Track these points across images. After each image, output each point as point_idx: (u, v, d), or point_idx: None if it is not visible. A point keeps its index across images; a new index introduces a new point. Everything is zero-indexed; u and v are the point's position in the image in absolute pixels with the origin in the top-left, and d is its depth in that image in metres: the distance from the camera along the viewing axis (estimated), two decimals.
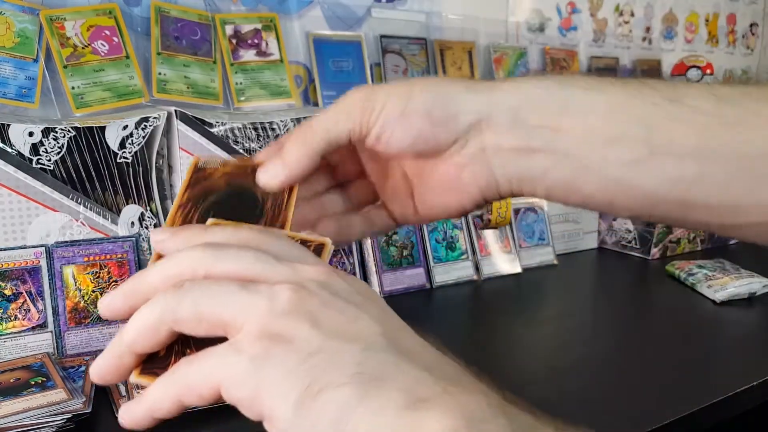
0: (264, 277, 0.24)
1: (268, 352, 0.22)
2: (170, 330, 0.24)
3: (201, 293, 0.24)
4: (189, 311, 0.23)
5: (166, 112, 0.71)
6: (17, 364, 0.57)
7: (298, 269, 0.25)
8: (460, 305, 0.85)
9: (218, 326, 0.23)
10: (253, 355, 0.22)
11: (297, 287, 0.23)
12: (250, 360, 0.22)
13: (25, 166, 0.62)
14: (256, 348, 0.22)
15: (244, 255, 0.25)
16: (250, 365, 0.22)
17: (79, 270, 0.64)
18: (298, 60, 0.92)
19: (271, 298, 0.23)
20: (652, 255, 1.06)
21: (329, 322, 0.23)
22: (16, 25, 0.70)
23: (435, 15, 1.06)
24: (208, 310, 0.23)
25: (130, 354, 0.25)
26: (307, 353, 0.22)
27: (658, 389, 0.59)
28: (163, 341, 0.24)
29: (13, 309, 0.60)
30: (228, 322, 0.23)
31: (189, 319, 0.24)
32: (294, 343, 0.22)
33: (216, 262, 0.25)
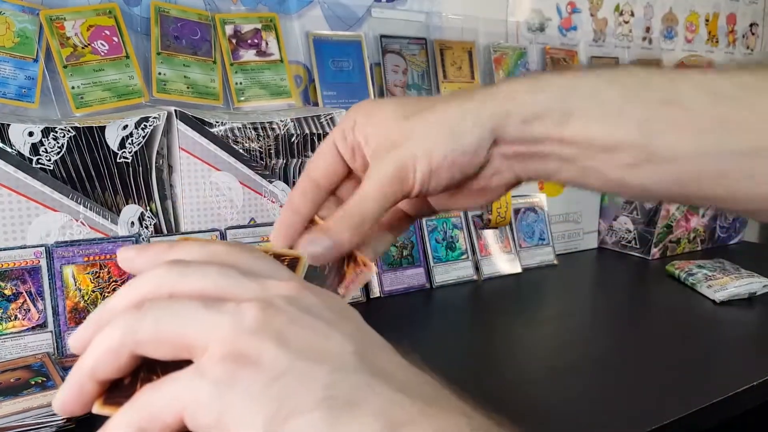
0: (230, 294, 0.23)
1: (232, 376, 0.20)
2: (132, 354, 0.22)
3: (162, 313, 0.22)
4: (150, 333, 0.22)
5: (166, 112, 0.71)
6: (17, 364, 0.57)
7: (266, 285, 0.23)
8: (460, 305, 0.85)
9: (182, 348, 0.22)
10: (217, 378, 0.20)
11: (264, 304, 0.22)
12: (214, 384, 0.20)
13: (25, 166, 0.62)
14: (220, 371, 0.21)
15: (209, 271, 0.24)
16: (214, 390, 0.20)
17: (79, 270, 0.64)
18: (298, 60, 0.92)
19: (237, 317, 0.22)
20: (652, 255, 1.06)
21: (298, 341, 0.21)
22: (16, 24, 0.70)
23: (435, 15, 1.06)
24: (170, 330, 0.22)
25: (92, 382, 0.23)
26: (273, 375, 0.20)
27: (658, 389, 0.59)
28: (126, 366, 0.23)
29: (13, 309, 0.61)
30: (192, 344, 0.22)
31: (150, 341, 0.22)
32: (260, 364, 0.21)
33: (180, 280, 0.24)
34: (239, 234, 0.74)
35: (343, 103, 0.93)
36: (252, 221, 0.77)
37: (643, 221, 1.07)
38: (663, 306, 0.87)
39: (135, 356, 0.23)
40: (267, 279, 0.24)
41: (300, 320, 0.22)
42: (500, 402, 0.63)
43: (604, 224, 1.14)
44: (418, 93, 1.01)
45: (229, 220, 0.75)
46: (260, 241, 0.76)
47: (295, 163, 0.79)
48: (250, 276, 0.24)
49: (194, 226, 0.73)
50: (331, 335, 0.22)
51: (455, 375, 0.61)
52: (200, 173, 0.73)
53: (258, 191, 0.77)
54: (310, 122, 0.79)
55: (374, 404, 0.20)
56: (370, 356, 0.22)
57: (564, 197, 1.08)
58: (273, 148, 0.77)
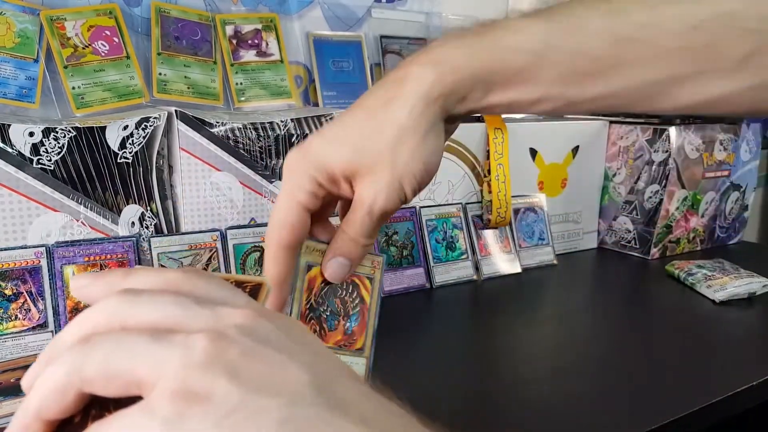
0: (182, 324, 0.22)
1: (182, 414, 0.19)
2: (79, 392, 0.21)
3: (109, 348, 0.21)
4: (96, 369, 0.21)
5: (166, 113, 0.71)
6: (18, 364, 0.57)
7: (219, 314, 0.23)
8: (460, 305, 0.85)
9: (131, 384, 0.21)
10: (165, 417, 0.19)
11: (215, 335, 0.21)
12: (164, 422, 0.19)
13: (25, 166, 0.62)
14: (169, 409, 0.20)
15: (161, 300, 0.23)
16: (164, 429, 0.19)
17: (80, 270, 0.64)
18: (299, 60, 0.92)
19: (186, 350, 0.21)
20: (651, 255, 1.07)
21: (250, 374, 0.20)
22: (17, 25, 0.70)
23: (435, 15, 1.06)
24: (118, 366, 0.21)
25: (38, 422, 0.22)
26: (224, 412, 0.19)
27: (658, 389, 0.59)
28: (73, 405, 0.22)
29: (13, 309, 0.61)
30: (140, 380, 0.21)
31: (97, 379, 0.21)
32: (210, 401, 0.20)
33: (131, 310, 0.23)
34: (239, 234, 0.74)
35: (344, 103, 0.93)
36: (252, 221, 0.77)
37: (643, 221, 1.07)
38: (662, 306, 0.87)
39: (82, 394, 0.22)
40: (222, 306, 0.23)
41: (253, 351, 0.21)
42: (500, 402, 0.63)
43: (603, 224, 1.14)
44: None
45: (229, 220, 0.75)
46: (260, 241, 0.76)
47: None
48: (204, 304, 0.23)
49: (194, 226, 0.73)
50: (287, 366, 0.21)
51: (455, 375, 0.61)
52: (201, 173, 0.73)
53: (258, 191, 0.77)
54: (311, 122, 0.79)
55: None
56: (329, 386, 0.21)
57: (564, 197, 1.08)
58: (273, 148, 0.77)
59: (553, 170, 1.06)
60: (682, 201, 1.07)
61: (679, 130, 1.03)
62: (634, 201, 1.08)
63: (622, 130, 1.09)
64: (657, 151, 1.04)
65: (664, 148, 1.03)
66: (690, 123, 1.06)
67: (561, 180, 1.08)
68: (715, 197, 1.13)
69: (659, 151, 1.04)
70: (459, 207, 0.95)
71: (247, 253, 0.75)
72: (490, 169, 0.95)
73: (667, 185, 1.04)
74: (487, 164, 0.96)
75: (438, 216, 0.92)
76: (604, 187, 1.13)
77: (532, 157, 1.03)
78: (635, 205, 1.08)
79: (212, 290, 0.25)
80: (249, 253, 0.75)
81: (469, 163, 0.96)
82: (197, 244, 0.72)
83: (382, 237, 0.86)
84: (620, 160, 1.10)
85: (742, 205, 1.20)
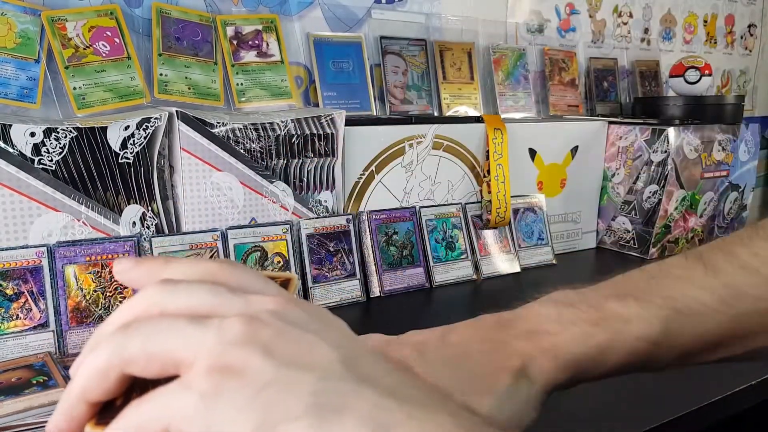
0: (216, 310, 0.23)
1: (218, 388, 0.20)
2: (121, 374, 0.22)
3: (148, 331, 0.22)
4: (137, 351, 0.22)
5: (167, 113, 0.71)
6: (19, 364, 0.57)
7: (251, 300, 0.24)
8: (460, 305, 0.85)
9: (169, 365, 0.22)
10: (203, 391, 0.20)
11: (249, 318, 0.22)
12: (200, 397, 0.20)
13: (26, 167, 0.62)
14: (205, 384, 0.20)
15: (198, 289, 0.24)
16: (200, 403, 0.20)
17: (81, 269, 0.64)
18: (299, 61, 0.92)
19: (221, 331, 0.22)
20: (650, 255, 1.07)
21: (283, 352, 0.21)
22: (18, 26, 0.70)
23: (435, 16, 1.06)
24: (157, 348, 0.22)
25: (82, 404, 0.23)
26: (259, 386, 0.20)
27: (658, 389, 0.59)
28: (115, 387, 0.23)
29: (14, 308, 0.61)
30: (178, 360, 0.22)
31: (138, 360, 0.22)
32: (246, 375, 0.21)
33: (170, 299, 0.24)
34: (240, 234, 0.75)
35: (344, 103, 0.93)
36: (253, 221, 0.77)
37: (642, 221, 1.07)
38: None
39: (124, 377, 0.23)
40: (253, 294, 0.24)
41: (285, 332, 0.22)
42: None
43: (602, 224, 1.14)
44: (417, 93, 1.02)
45: (230, 220, 0.76)
46: (261, 241, 0.76)
47: (296, 164, 0.80)
48: (238, 293, 0.24)
49: (195, 226, 0.73)
50: (317, 345, 0.22)
51: None
52: (201, 173, 0.73)
53: (259, 191, 0.77)
54: (311, 123, 0.79)
55: (361, 409, 0.20)
56: (357, 363, 0.22)
57: (563, 197, 1.09)
58: (274, 148, 0.77)
59: (552, 170, 1.06)
60: (680, 201, 1.08)
61: (678, 130, 1.04)
62: (632, 201, 1.09)
63: (621, 131, 1.10)
64: (656, 151, 1.05)
65: (662, 148, 1.04)
66: (689, 123, 1.06)
67: (560, 180, 1.08)
68: (714, 197, 1.14)
69: (658, 152, 1.04)
70: (459, 207, 0.95)
71: (248, 253, 0.75)
72: (490, 169, 0.96)
73: (665, 185, 1.04)
74: (487, 164, 0.97)
75: (438, 216, 0.92)
76: (603, 188, 1.13)
77: (532, 157, 1.04)
78: (634, 205, 1.09)
79: (246, 280, 0.26)
80: (249, 252, 0.75)
81: (469, 164, 0.97)
82: (198, 244, 0.72)
83: (383, 237, 0.87)
84: (619, 161, 1.10)
85: (741, 205, 1.20)
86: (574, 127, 1.08)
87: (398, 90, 1.00)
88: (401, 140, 0.89)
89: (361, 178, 0.87)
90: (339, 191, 0.84)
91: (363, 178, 0.87)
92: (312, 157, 0.80)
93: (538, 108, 1.18)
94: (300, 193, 0.81)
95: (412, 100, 1.01)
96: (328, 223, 0.82)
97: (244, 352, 0.21)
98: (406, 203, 0.92)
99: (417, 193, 0.93)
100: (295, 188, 0.80)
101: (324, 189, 0.83)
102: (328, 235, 0.82)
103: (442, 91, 1.04)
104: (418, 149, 0.91)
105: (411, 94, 1.01)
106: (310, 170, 0.81)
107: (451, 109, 1.04)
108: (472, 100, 1.07)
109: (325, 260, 0.81)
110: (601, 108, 1.28)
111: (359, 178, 0.87)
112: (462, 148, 0.95)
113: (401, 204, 0.91)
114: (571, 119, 1.15)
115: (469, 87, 1.07)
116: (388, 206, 0.89)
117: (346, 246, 0.83)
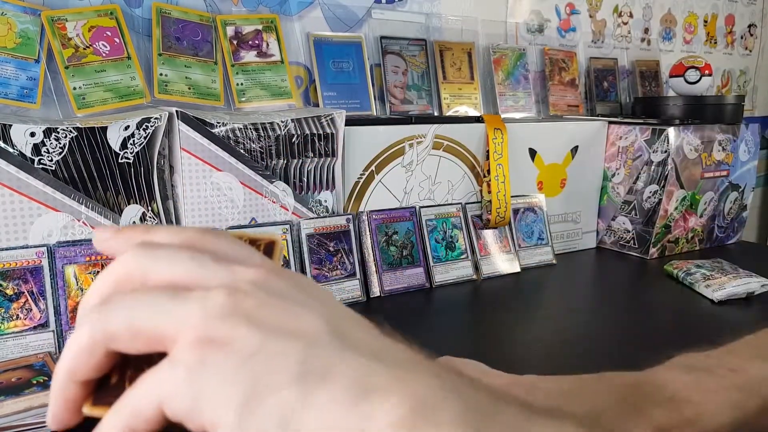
0: (199, 281, 0.23)
1: (204, 360, 0.20)
2: (106, 350, 0.22)
3: (131, 306, 0.22)
4: (120, 327, 0.22)
5: (167, 113, 0.71)
6: (19, 364, 0.58)
7: (235, 271, 0.23)
8: (460, 304, 0.85)
9: (154, 340, 0.22)
10: (189, 364, 0.20)
11: (232, 290, 0.22)
12: (187, 370, 0.20)
13: (26, 167, 0.62)
14: (191, 357, 0.20)
15: (179, 256, 0.24)
16: (187, 376, 0.20)
17: (81, 269, 0.64)
18: (299, 61, 0.92)
19: (204, 305, 0.21)
20: (650, 255, 1.07)
21: (268, 321, 0.21)
22: (18, 26, 0.70)
23: (435, 16, 1.06)
24: (140, 324, 0.22)
25: (73, 384, 0.23)
26: (245, 356, 0.20)
27: None
28: (103, 364, 0.23)
29: (15, 308, 0.61)
30: (163, 335, 0.22)
31: (121, 337, 0.22)
32: (231, 346, 0.20)
33: (151, 265, 0.23)
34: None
35: (344, 103, 0.94)
36: (253, 221, 0.77)
37: (642, 221, 1.07)
38: (661, 305, 0.87)
39: (110, 352, 0.22)
40: (237, 264, 0.24)
41: (269, 302, 0.22)
42: None
43: (602, 224, 1.14)
44: (418, 93, 1.02)
45: (230, 220, 0.76)
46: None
47: (296, 164, 0.80)
48: (220, 262, 0.24)
49: (195, 225, 0.73)
50: (302, 314, 0.22)
51: None
52: (201, 173, 0.73)
53: (259, 191, 0.77)
54: (311, 123, 0.79)
55: (346, 374, 0.20)
56: (342, 330, 0.22)
57: (563, 197, 1.09)
58: (274, 148, 0.77)
59: (552, 170, 1.06)
60: (680, 201, 1.08)
61: (678, 130, 1.04)
62: (632, 201, 1.09)
63: (621, 131, 1.10)
64: (656, 151, 1.05)
65: (662, 148, 1.04)
66: (689, 123, 1.06)
67: (560, 180, 1.08)
68: (714, 197, 1.14)
69: (658, 152, 1.04)
70: (459, 207, 0.95)
71: None
72: (490, 169, 0.96)
73: (665, 185, 1.04)
74: (487, 164, 0.97)
75: (438, 216, 0.92)
76: (603, 188, 1.13)
77: (532, 157, 1.04)
78: (634, 205, 1.09)
79: (229, 249, 0.25)
80: None
81: (469, 164, 0.97)
82: None
83: (383, 237, 0.87)
84: (619, 161, 1.10)
85: (741, 205, 1.20)
86: (574, 127, 1.08)
87: (398, 90, 1.00)
88: (401, 140, 0.89)
89: (361, 178, 0.87)
90: (339, 191, 0.84)
91: (363, 178, 0.87)
92: (312, 157, 0.80)
93: (538, 108, 1.18)
94: (300, 193, 0.81)
95: (412, 100, 1.01)
96: (328, 223, 0.82)
97: (229, 324, 0.21)
98: (406, 203, 0.92)
99: (417, 193, 0.93)
100: (295, 188, 0.80)
101: (324, 189, 0.83)
102: (328, 235, 0.82)
103: (442, 91, 1.04)
104: (418, 149, 0.91)
105: (411, 94, 1.01)
106: (310, 170, 0.81)
107: (451, 109, 1.04)
108: (472, 100, 1.07)
109: (325, 260, 0.81)
110: (601, 108, 1.28)
111: (359, 178, 0.87)
112: (462, 148, 0.95)
113: (401, 204, 0.91)
114: (571, 119, 1.15)
115: (469, 87, 1.07)
116: (388, 206, 0.90)
117: (346, 246, 0.83)
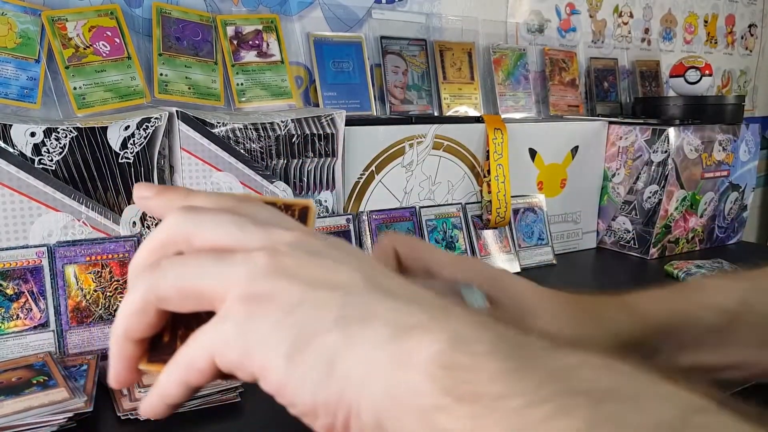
0: (240, 243, 0.24)
1: (252, 313, 0.22)
2: (157, 309, 0.24)
3: (179, 270, 0.24)
4: (170, 289, 0.24)
5: (167, 113, 0.71)
6: (19, 363, 0.57)
7: (273, 234, 0.25)
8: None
9: (202, 300, 0.24)
10: (238, 318, 0.22)
11: (272, 251, 0.24)
12: (236, 324, 0.22)
13: (27, 167, 0.62)
14: (239, 312, 0.22)
15: (222, 220, 0.25)
16: (237, 329, 0.22)
17: (81, 269, 0.64)
18: (299, 61, 0.92)
19: (248, 265, 0.23)
20: (650, 255, 1.07)
21: (308, 275, 0.23)
22: (18, 25, 0.70)
23: (435, 16, 1.06)
24: (188, 285, 0.24)
25: (128, 342, 0.25)
26: (290, 306, 0.22)
27: None
28: (155, 322, 0.25)
29: (15, 308, 0.61)
30: (211, 295, 0.23)
31: (171, 298, 0.24)
32: (276, 299, 0.22)
33: (195, 228, 0.25)
34: None
35: (344, 103, 0.94)
36: None
37: (642, 221, 1.07)
38: None
39: (162, 312, 0.24)
40: (273, 228, 0.25)
41: (307, 260, 0.24)
42: None
43: (602, 224, 1.14)
44: (418, 93, 1.02)
45: None
46: None
47: (296, 164, 0.80)
48: (259, 225, 0.25)
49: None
50: (338, 268, 0.24)
51: None
52: (201, 173, 0.73)
53: (259, 191, 0.77)
54: (311, 123, 0.79)
55: (385, 316, 0.22)
56: (377, 280, 0.24)
57: (563, 198, 1.09)
58: (274, 148, 0.77)
59: (552, 170, 1.06)
60: (681, 201, 1.08)
61: (678, 130, 1.04)
62: (633, 201, 1.09)
63: (621, 131, 1.10)
64: (656, 151, 1.05)
65: (663, 148, 1.04)
66: (689, 123, 1.06)
67: (560, 180, 1.08)
68: (714, 197, 1.14)
69: (658, 152, 1.04)
70: (459, 207, 0.95)
71: None
72: (490, 169, 0.96)
73: (666, 185, 1.04)
74: (487, 164, 0.97)
75: (438, 216, 0.92)
76: (603, 188, 1.13)
77: (532, 157, 1.04)
78: (634, 205, 1.09)
79: (265, 214, 0.27)
80: None
81: (469, 164, 0.97)
82: None
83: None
84: (619, 161, 1.10)
85: (741, 206, 1.20)
86: (574, 127, 1.08)
87: (398, 90, 1.00)
88: (401, 140, 0.89)
89: (361, 178, 0.87)
90: (339, 191, 0.84)
91: (363, 178, 0.87)
92: (312, 157, 0.80)
93: (538, 108, 1.18)
94: (300, 193, 0.81)
95: (413, 100, 1.01)
96: (328, 223, 0.82)
97: (272, 281, 0.23)
98: (406, 203, 0.92)
99: (417, 193, 0.93)
100: (295, 188, 0.80)
101: (324, 189, 0.83)
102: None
103: (442, 91, 1.04)
104: (418, 149, 0.91)
105: (411, 94, 1.01)
106: (310, 170, 0.81)
107: (451, 109, 1.04)
108: (472, 100, 1.07)
109: None
110: (602, 108, 1.28)
111: (359, 178, 0.87)
112: (462, 148, 0.95)
113: (401, 204, 0.91)
114: (572, 119, 1.15)
115: (470, 87, 1.07)
116: (388, 206, 0.89)
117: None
